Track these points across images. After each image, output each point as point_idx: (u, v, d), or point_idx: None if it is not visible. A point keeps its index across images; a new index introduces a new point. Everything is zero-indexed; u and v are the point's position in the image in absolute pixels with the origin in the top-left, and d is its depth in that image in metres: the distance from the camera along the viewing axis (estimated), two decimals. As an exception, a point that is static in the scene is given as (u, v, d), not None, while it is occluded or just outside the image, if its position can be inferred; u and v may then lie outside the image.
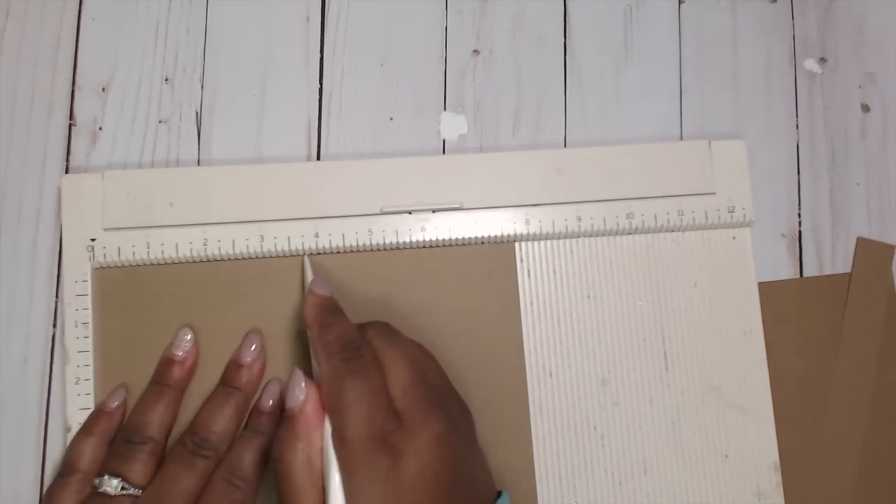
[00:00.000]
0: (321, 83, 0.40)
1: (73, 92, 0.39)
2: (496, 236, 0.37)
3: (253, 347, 0.35)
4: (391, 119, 0.40)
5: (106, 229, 0.36)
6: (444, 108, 0.40)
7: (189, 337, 0.35)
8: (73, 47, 0.39)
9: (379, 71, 0.40)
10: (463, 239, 0.37)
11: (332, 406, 0.30)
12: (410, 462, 0.28)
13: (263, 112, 0.39)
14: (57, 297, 0.37)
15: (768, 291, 0.38)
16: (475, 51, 0.40)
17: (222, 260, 0.36)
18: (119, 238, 0.36)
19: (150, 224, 0.36)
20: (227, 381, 0.35)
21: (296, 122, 0.39)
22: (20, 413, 0.36)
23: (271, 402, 0.34)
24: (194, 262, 0.36)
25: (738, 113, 0.41)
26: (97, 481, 0.32)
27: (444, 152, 0.39)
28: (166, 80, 0.39)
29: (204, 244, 0.36)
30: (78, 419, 0.34)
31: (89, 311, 0.35)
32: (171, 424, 0.34)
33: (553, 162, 0.38)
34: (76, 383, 0.35)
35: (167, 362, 0.35)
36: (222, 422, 0.33)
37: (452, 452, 0.29)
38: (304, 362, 0.36)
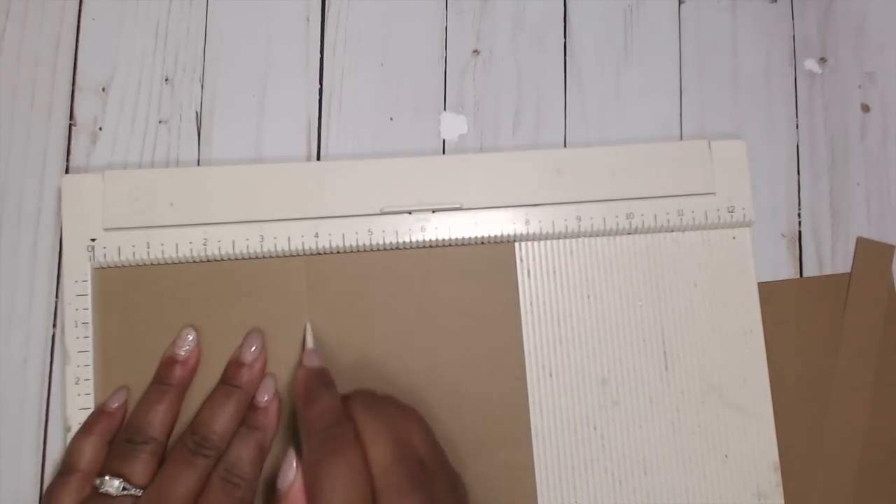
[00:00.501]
0: (321, 83, 0.40)
1: (73, 92, 0.39)
2: (496, 236, 0.37)
3: (254, 347, 0.35)
4: (391, 119, 0.40)
5: (106, 229, 0.36)
6: (444, 108, 0.40)
7: (192, 336, 0.35)
8: (73, 47, 0.39)
9: (379, 71, 0.40)
10: (463, 239, 0.37)
11: (312, 489, 0.29)
12: None
13: (263, 112, 0.39)
14: (57, 297, 0.37)
15: (768, 291, 0.38)
16: (475, 51, 0.40)
17: (222, 260, 0.36)
18: (119, 238, 0.36)
19: (150, 224, 0.36)
20: (228, 379, 0.35)
21: (296, 122, 0.39)
22: (20, 413, 0.36)
23: (267, 397, 0.34)
24: (194, 262, 0.36)
25: (738, 113, 0.41)
26: (98, 482, 0.32)
27: (444, 152, 0.39)
28: (166, 80, 0.39)
29: (204, 244, 0.36)
30: (78, 419, 0.34)
31: (89, 311, 0.35)
32: (173, 424, 0.34)
33: (553, 162, 0.38)
34: (76, 383, 0.35)
35: (169, 362, 0.35)
36: (223, 421, 0.33)
37: None
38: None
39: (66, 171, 0.38)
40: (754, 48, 0.41)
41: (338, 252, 0.37)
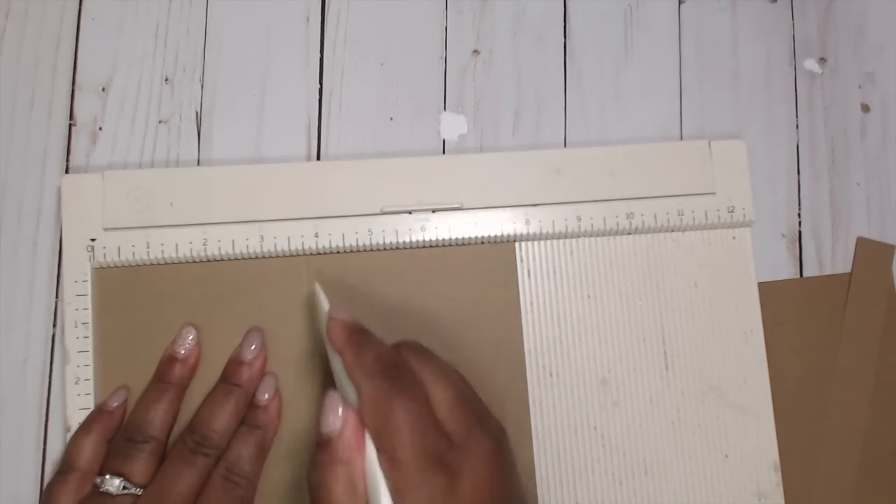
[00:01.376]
0: (321, 83, 0.40)
1: (73, 92, 0.39)
2: (496, 236, 0.37)
3: (253, 346, 0.35)
4: (391, 119, 0.40)
5: (106, 229, 0.36)
6: (444, 108, 0.40)
7: (192, 335, 0.35)
8: (73, 47, 0.39)
9: (379, 71, 0.40)
10: (463, 239, 0.37)
11: (379, 428, 0.28)
12: (467, 481, 0.27)
13: (263, 112, 0.39)
14: (57, 297, 0.37)
15: (768, 291, 0.38)
16: (475, 51, 0.40)
17: (222, 260, 0.36)
18: (119, 238, 0.36)
19: (150, 224, 0.36)
20: (228, 378, 0.35)
21: (296, 122, 0.39)
22: (20, 413, 0.36)
23: (267, 396, 0.34)
24: (194, 262, 0.36)
25: (738, 113, 0.41)
26: (98, 480, 0.32)
27: (444, 152, 0.39)
28: (166, 80, 0.39)
29: (204, 244, 0.36)
30: (78, 419, 0.34)
31: (89, 311, 0.35)
32: (173, 423, 0.34)
33: (553, 162, 0.38)
34: (76, 383, 0.35)
35: (169, 360, 0.35)
36: (222, 419, 0.33)
37: (503, 470, 0.29)
38: (304, 365, 0.36)
39: (66, 171, 0.38)
40: (754, 48, 0.41)
41: (338, 252, 0.37)
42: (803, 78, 0.41)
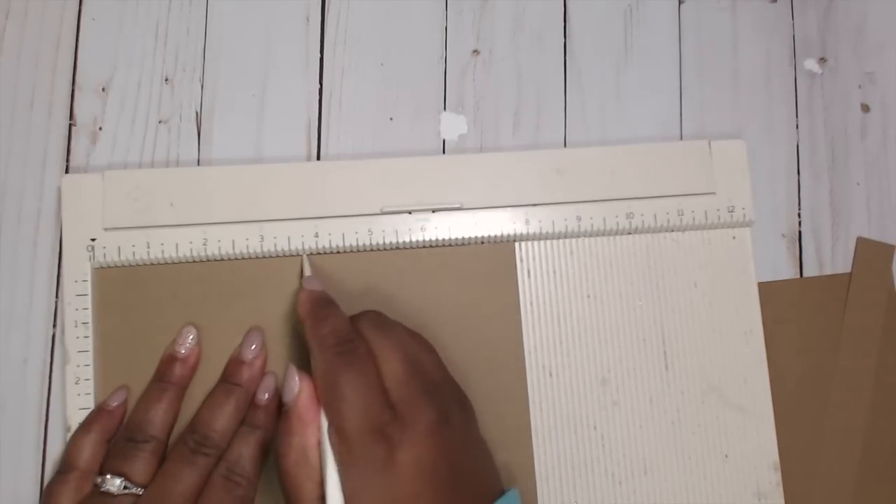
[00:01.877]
0: (321, 83, 0.40)
1: (73, 92, 0.39)
2: (496, 236, 0.37)
3: (254, 346, 0.35)
4: (391, 119, 0.40)
5: (106, 229, 0.36)
6: (444, 108, 0.40)
7: (192, 335, 0.35)
8: (73, 47, 0.39)
9: (379, 71, 0.40)
10: (463, 239, 0.37)
11: (327, 399, 0.30)
12: (407, 453, 0.28)
13: (263, 112, 0.39)
14: (57, 297, 0.37)
15: (768, 291, 0.38)
16: (475, 51, 0.40)
17: (222, 260, 0.36)
18: (119, 238, 0.36)
19: (150, 224, 0.36)
20: (228, 377, 0.35)
21: (296, 122, 0.39)
22: (20, 413, 0.36)
23: (267, 395, 0.34)
24: (194, 261, 0.36)
25: (738, 113, 0.41)
26: (99, 480, 0.32)
27: (444, 152, 0.39)
28: (166, 80, 0.39)
29: (204, 244, 0.36)
30: (78, 419, 0.34)
31: (89, 311, 0.35)
32: (173, 423, 0.34)
33: (553, 162, 0.38)
34: (76, 383, 0.35)
35: (169, 360, 0.35)
36: (223, 419, 0.33)
37: (449, 443, 0.29)
38: (304, 361, 0.36)
39: (66, 171, 0.38)
40: (754, 48, 0.41)
41: (338, 252, 0.37)
42: (803, 78, 0.41)
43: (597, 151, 0.38)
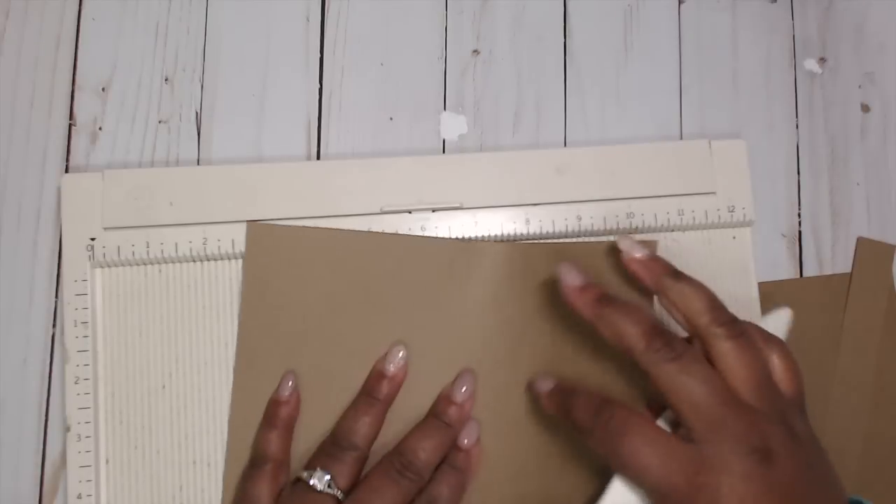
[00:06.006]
0: (321, 83, 0.40)
1: (73, 92, 0.39)
2: (496, 236, 0.37)
3: (464, 388, 0.34)
4: (391, 119, 0.40)
5: (106, 229, 0.36)
6: (444, 108, 0.40)
7: (402, 353, 0.35)
8: (73, 47, 0.39)
9: (379, 71, 0.40)
10: (462, 239, 0.37)
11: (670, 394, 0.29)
12: (787, 464, 0.28)
13: (263, 112, 0.39)
14: (57, 297, 0.37)
15: (768, 291, 0.38)
16: (475, 51, 0.40)
17: (222, 260, 0.36)
18: (119, 237, 0.36)
19: (150, 223, 0.36)
20: (439, 414, 0.34)
21: (296, 122, 0.39)
22: (20, 413, 0.36)
23: (468, 441, 0.34)
24: (194, 261, 0.36)
25: (738, 113, 0.41)
26: (306, 474, 0.32)
27: (444, 152, 0.39)
28: (166, 80, 0.39)
29: (204, 244, 0.36)
30: (78, 419, 0.34)
31: (89, 311, 0.35)
32: (375, 437, 0.34)
33: (553, 162, 0.38)
34: (76, 383, 0.35)
35: (378, 376, 0.35)
36: (429, 451, 0.33)
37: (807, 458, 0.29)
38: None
39: (66, 171, 0.38)
40: (754, 48, 0.41)
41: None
42: (803, 78, 0.41)
43: (597, 151, 0.38)
